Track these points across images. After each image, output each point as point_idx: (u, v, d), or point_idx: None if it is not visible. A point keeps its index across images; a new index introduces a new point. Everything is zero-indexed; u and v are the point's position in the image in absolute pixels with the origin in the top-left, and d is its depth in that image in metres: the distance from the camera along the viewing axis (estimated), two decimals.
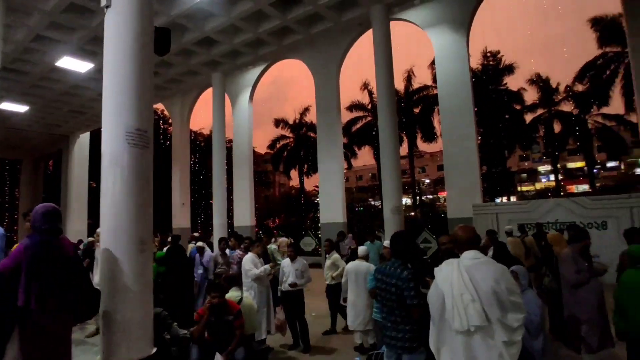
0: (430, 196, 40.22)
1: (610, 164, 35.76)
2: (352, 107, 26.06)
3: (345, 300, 5.65)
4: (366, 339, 5.50)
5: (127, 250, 3.37)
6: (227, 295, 4.46)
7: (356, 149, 27.64)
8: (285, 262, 6.01)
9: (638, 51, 10.77)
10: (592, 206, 10.19)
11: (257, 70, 17.88)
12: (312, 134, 27.29)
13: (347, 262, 6.21)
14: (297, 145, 29.73)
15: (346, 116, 27.80)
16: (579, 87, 21.86)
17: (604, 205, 10.09)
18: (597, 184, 27.75)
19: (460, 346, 2.26)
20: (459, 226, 2.62)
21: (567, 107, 23.03)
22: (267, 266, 5.87)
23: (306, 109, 29.19)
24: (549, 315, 6.13)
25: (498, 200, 23.80)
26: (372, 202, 35.51)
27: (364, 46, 12.86)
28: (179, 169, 20.86)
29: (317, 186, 20.42)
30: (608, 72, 19.57)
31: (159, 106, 24.64)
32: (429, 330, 2.49)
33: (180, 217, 20.41)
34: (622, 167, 35.06)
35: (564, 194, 29.01)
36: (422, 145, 26.42)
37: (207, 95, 18.28)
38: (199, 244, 7.97)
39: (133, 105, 3.54)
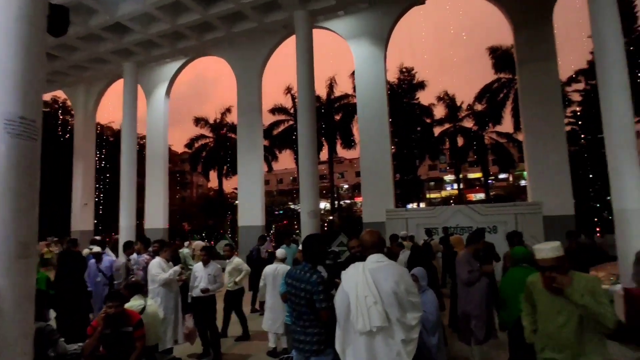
0: (348, 201, 41.71)
1: (501, 176, 40.52)
2: (274, 110, 26.00)
3: (262, 305, 5.56)
4: (280, 342, 5.47)
5: (3, 255, 2.91)
6: (129, 305, 4.10)
7: (277, 152, 27.63)
8: (198, 267, 5.73)
9: (524, 79, 12.42)
10: (485, 212, 11.44)
11: (175, 65, 16.95)
12: (233, 135, 26.64)
13: (265, 265, 6.13)
14: (217, 146, 28.77)
15: (269, 119, 27.76)
16: (479, 107, 24.52)
17: (494, 212, 11.40)
18: (491, 193, 31.33)
19: (363, 347, 2.35)
20: (366, 230, 2.74)
21: (469, 123, 25.67)
22: (177, 267, 5.54)
23: (228, 109, 28.49)
24: (449, 312, 6.73)
25: (409, 206, 25.51)
26: (292, 206, 35.70)
27: (291, 50, 12.95)
28: (82, 165, 18.79)
29: (236, 188, 19.93)
30: (501, 95, 22.23)
31: (59, 94, 22.03)
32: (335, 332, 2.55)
33: (82, 219, 18.39)
34: (511, 178, 39.99)
35: (465, 201, 32.18)
36: (341, 152, 27.34)
37: (119, 86, 16.84)
38: (95, 249, 7.14)
39: (15, 89, 3.07)
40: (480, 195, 35.62)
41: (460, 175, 29.00)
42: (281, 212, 33.26)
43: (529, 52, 12.14)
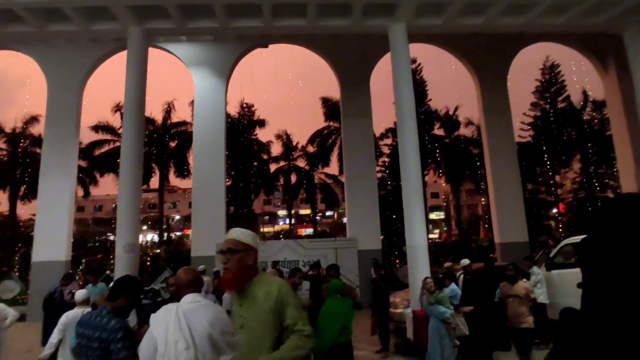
0: (179, 233, 38.99)
1: (328, 213, 44.74)
2: (98, 128, 22.87)
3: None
4: None
5: None
6: None
7: (98, 175, 24.11)
8: None
9: (346, 130, 14.27)
10: (310, 247, 12.35)
11: None
12: (39, 150, 21.99)
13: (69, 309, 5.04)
14: (12, 161, 23.22)
15: (91, 137, 24.15)
16: (311, 148, 26.90)
17: (318, 246, 12.45)
18: (319, 229, 34.14)
19: None
20: (182, 268, 2.54)
21: (302, 163, 27.78)
22: None
23: (35, 118, 23.49)
24: None
25: None
26: (112, 237, 31.15)
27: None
28: None
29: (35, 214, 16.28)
30: (330, 141, 25.03)
31: None
32: None
33: None
34: (336, 216, 44.55)
35: (296, 236, 34.06)
36: (175, 181, 25.70)
37: None
38: None
39: None
40: (310, 230, 38.33)
41: (292, 211, 30.79)
42: (97, 244, 28.56)
43: (351, 108, 14.13)
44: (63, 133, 13.06)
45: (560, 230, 22.85)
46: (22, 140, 23.51)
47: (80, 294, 4.79)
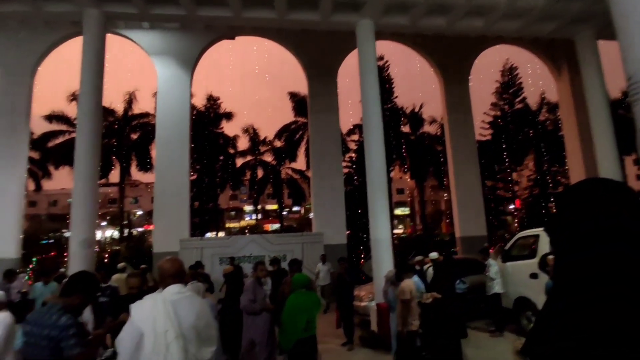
0: (141, 229, 37.67)
1: (295, 208, 44.71)
2: (52, 117, 21.61)
3: None
4: None
5: None
6: None
7: (53, 168, 22.82)
8: None
9: (313, 126, 14.26)
10: (276, 242, 12.30)
11: None
12: None
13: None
14: None
15: (44, 127, 22.76)
16: (278, 143, 26.69)
17: (284, 241, 12.40)
18: (285, 224, 34.02)
19: None
20: (166, 259, 2.49)
21: (269, 157, 27.53)
22: None
23: None
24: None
25: (208, 234, 24.94)
26: (67, 233, 29.62)
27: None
28: None
29: None
30: (297, 136, 24.93)
31: None
32: None
33: None
34: (302, 211, 44.60)
35: (262, 231, 33.82)
36: (137, 175, 24.76)
37: None
38: None
39: None
40: (276, 226, 38.15)
41: (259, 206, 30.49)
42: (51, 240, 27.05)
43: (318, 104, 14.15)
44: (12, 122, 12.24)
45: (516, 225, 24.05)
46: None
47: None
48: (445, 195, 30.63)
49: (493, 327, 7.89)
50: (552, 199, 22.90)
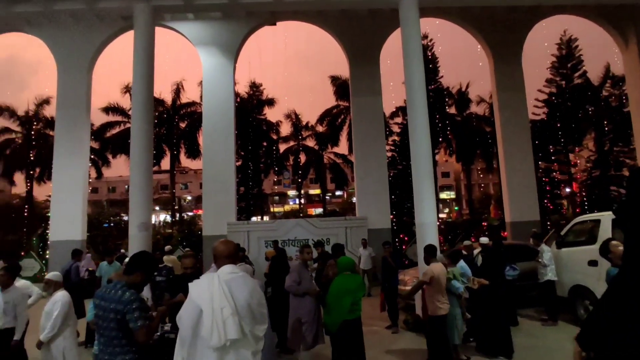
0: (191, 213, 39.57)
1: (338, 193, 44.85)
2: (109, 110, 23.03)
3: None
4: None
5: None
6: None
7: (110, 157, 24.44)
8: None
9: (356, 109, 14.09)
10: (320, 226, 12.44)
11: None
12: (52, 133, 22.31)
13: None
14: (26, 144, 23.62)
15: (102, 118, 24.34)
16: (320, 128, 26.72)
17: (328, 225, 12.52)
18: (329, 208, 34.28)
19: None
20: (220, 240, 2.63)
21: (311, 142, 27.69)
22: None
23: (46, 101, 23.72)
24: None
25: (254, 219, 25.73)
26: (126, 218, 31.77)
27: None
28: None
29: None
30: (339, 120, 24.80)
31: None
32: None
33: None
34: (345, 195, 44.65)
35: (305, 215, 34.31)
36: (186, 162, 25.88)
37: None
38: None
39: None
40: (319, 210, 38.56)
41: (302, 191, 30.90)
42: (111, 224, 29.17)
43: (360, 87, 13.93)
44: (74, 115, 13.18)
45: (577, 209, 22.54)
46: (35, 123, 23.83)
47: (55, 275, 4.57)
48: (494, 178, 29.29)
49: (545, 315, 7.55)
50: (615, 181, 21.20)
